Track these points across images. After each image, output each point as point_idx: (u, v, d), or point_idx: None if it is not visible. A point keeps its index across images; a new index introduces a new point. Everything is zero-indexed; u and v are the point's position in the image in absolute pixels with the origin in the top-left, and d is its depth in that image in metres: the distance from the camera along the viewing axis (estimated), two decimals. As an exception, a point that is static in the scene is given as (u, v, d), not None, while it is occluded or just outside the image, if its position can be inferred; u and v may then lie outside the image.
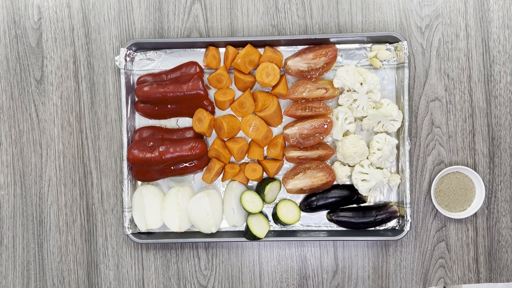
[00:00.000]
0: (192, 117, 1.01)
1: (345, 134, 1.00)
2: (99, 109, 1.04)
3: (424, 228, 1.03)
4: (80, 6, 1.05)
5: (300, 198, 1.03)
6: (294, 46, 1.02)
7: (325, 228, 1.03)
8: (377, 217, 1.00)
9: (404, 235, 0.99)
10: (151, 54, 1.03)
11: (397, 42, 0.99)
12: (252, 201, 0.99)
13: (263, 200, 0.99)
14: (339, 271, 1.03)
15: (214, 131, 1.02)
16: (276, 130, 1.03)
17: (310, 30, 1.04)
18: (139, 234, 1.02)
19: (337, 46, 1.00)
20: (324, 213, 1.02)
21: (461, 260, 1.02)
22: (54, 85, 1.04)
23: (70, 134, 1.04)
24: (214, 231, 1.00)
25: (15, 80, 1.05)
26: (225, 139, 1.02)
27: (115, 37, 1.04)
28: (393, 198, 1.02)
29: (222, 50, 1.02)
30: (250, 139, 1.02)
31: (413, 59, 1.03)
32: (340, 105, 1.00)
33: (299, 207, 1.01)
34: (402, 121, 0.99)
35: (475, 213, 1.02)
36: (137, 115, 1.04)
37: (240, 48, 1.00)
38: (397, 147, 1.00)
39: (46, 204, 1.04)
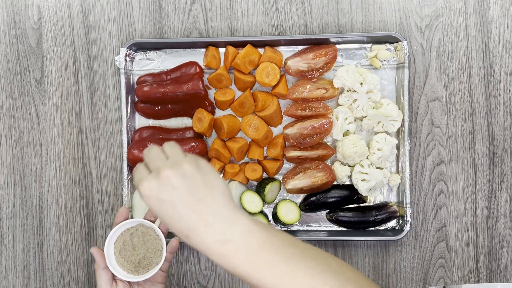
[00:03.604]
0: (192, 117, 1.01)
1: (345, 134, 1.00)
2: (99, 109, 1.04)
3: (424, 228, 1.03)
4: (80, 6, 1.05)
5: (300, 198, 1.03)
6: (294, 46, 1.02)
7: (325, 228, 1.03)
8: (377, 217, 1.00)
9: (404, 235, 0.99)
10: (151, 54, 1.03)
11: (397, 42, 0.99)
12: (252, 201, 0.99)
13: (263, 200, 0.99)
14: (339, 271, 1.03)
15: (214, 131, 1.02)
16: (276, 130, 1.03)
17: (310, 30, 1.04)
18: (139, 234, 1.02)
19: (337, 46, 1.00)
20: (324, 213, 1.02)
21: (461, 260, 1.02)
22: (54, 85, 1.04)
23: (70, 134, 1.04)
24: (214, 231, 1.00)
25: (15, 80, 1.05)
26: (225, 139, 1.02)
27: (115, 37, 1.04)
28: (393, 198, 1.02)
29: (222, 50, 1.02)
30: (250, 139, 1.02)
31: (413, 59, 1.03)
32: (340, 105, 1.00)
33: (299, 207, 1.01)
34: (402, 121, 0.99)
35: (475, 213, 1.03)
36: (137, 115, 1.04)
37: (240, 48, 1.00)
38: (397, 147, 1.00)
39: (46, 204, 1.04)
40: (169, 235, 1.00)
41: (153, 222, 0.85)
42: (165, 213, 0.61)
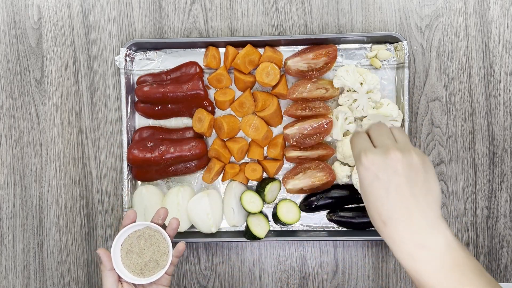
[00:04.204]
0: (192, 117, 1.01)
1: (345, 134, 1.00)
2: (99, 109, 1.04)
3: (424, 228, 1.02)
4: (80, 6, 1.05)
5: (300, 198, 1.03)
6: (294, 46, 1.02)
7: (325, 228, 1.03)
8: (377, 217, 1.00)
9: (404, 235, 0.98)
10: (151, 54, 1.03)
11: (397, 42, 0.99)
12: (252, 201, 0.99)
13: (263, 200, 0.99)
14: (339, 271, 1.03)
15: (214, 131, 1.02)
16: (276, 130, 1.03)
17: (310, 30, 1.04)
18: (139, 234, 1.02)
19: (337, 46, 1.00)
20: (324, 213, 1.02)
21: (461, 260, 1.02)
22: (54, 85, 1.04)
23: (70, 134, 1.04)
24: (214, 231, 1.00)
25: (15, 80, 1.05)
26: (225, 139, 1.02)
27: (115, 37, 1.05)
28: (393, 198, 1.02)
29: (222, 50, 1.02)
30: (250, 139, 1.02)
31: (413, 59, 1.03)
32: (340, 105, 1.00)
33: (299, 207, 1.01)
34: (402, 121, 0.99)
35: (475, 213, 1.02)
36: (137, 115, 1.04)
37: (240, 48, 1.00)
38: (397, 147, 1.00)
39: (46, 204, 1.04)
40: (175, 239, 1.00)
41: (160, 225, 0.85)
42: (374, 191, 0.60)
